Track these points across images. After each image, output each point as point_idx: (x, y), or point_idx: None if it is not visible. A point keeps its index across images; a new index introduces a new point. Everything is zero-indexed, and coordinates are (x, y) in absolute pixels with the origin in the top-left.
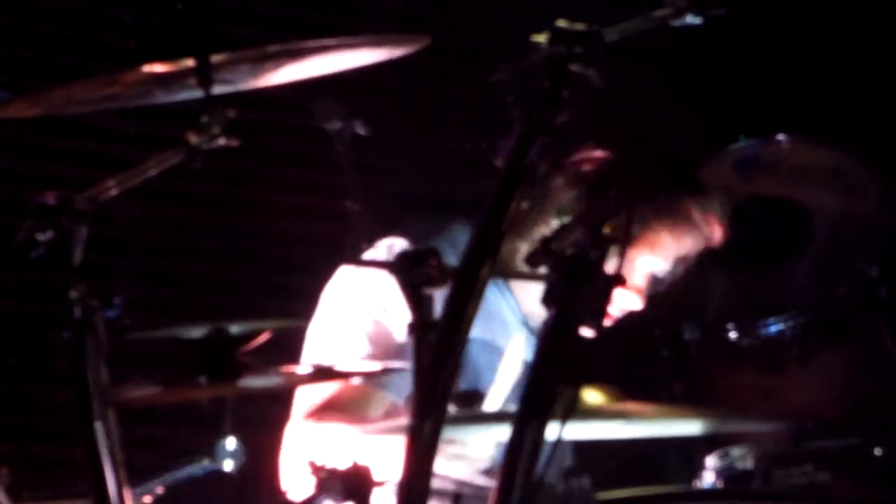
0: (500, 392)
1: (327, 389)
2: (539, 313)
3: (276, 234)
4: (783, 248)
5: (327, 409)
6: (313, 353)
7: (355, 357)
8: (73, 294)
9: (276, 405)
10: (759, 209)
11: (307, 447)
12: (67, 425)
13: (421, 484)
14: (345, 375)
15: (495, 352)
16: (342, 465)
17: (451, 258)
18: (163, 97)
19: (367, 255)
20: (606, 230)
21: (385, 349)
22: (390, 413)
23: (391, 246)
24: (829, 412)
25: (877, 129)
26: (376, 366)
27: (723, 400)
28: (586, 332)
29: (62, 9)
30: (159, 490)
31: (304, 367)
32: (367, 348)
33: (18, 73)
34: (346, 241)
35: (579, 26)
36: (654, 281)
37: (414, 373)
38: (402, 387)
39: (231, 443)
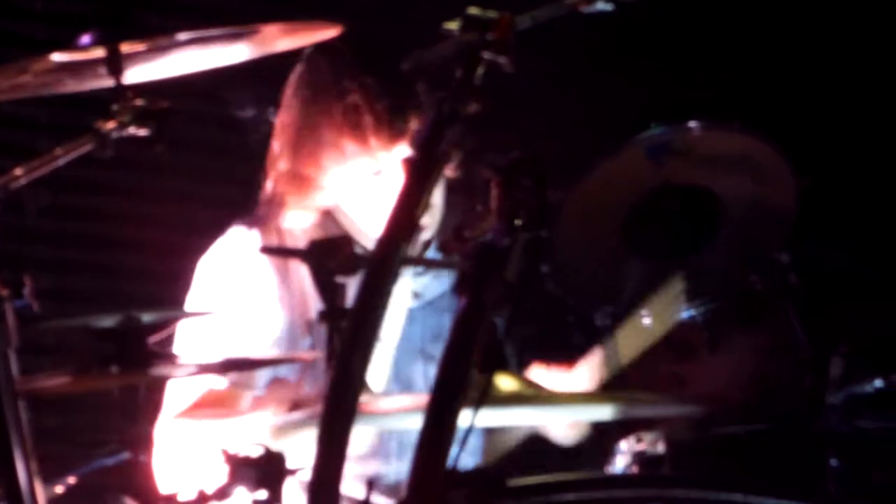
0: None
1: (195, 391)
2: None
3: (188, 222)
4: (694, 234)
5: (198, 409)
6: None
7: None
8: None
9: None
10: (671, 196)
11: (181, 442)
12: None
13: (333, 472)
14: (255, 366)
15: None
16: (255, 452)
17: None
18: (73, 86)
19: (218, 244)
20: (518, 218)
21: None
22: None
23: (238, 234)
24: (738, 398)
25: (787, 115)
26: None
27: (635, 385)
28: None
29: None
30: (71, 480)
31: (213, 357)
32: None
33: None
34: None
35: (491, 13)
36: None
37: (326, 361)
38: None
39: (143, 432)
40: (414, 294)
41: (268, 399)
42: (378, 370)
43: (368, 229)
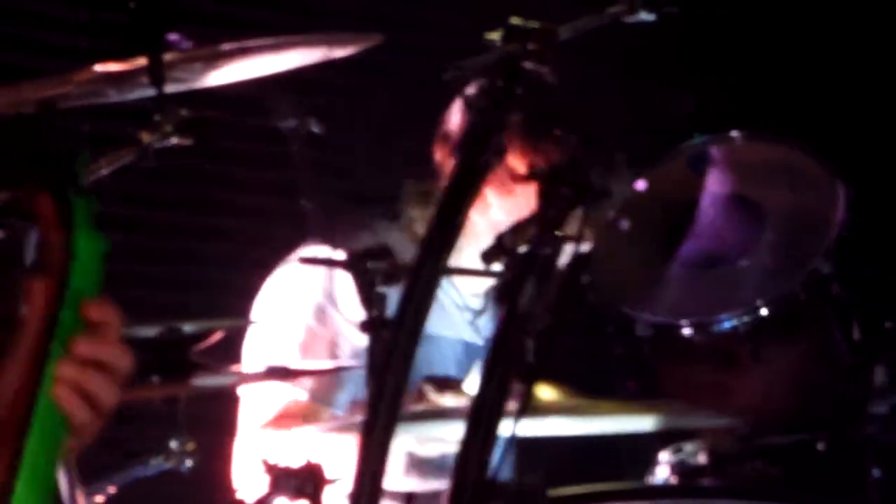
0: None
1: (275, 406)
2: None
3: (230, 232)
4: (736, 244)
5: (281, 421)
6: (251, 354)
7: (289, 360)
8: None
9: (229, 404)
10: (713, 206)
11: (264, 451)
12: None
13: (374, 482)
14: (297, 375)
15: (433, 341)
16: (295, 463)
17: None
18: (115, 96)
19: (285, 264)
20: (559, 228)
21: (321, 352)
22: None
23: (312, 251)
24: (780, 408)
25: (829, 125)
26: (328, 365)
27: (676, 396)
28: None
29: (14, 7)
30: (112, 490)
31: (255, 367)
32: (300, 353)
33: None
34: (300, 240)
35: (533, 24)
36: None
37: (368, 370)
38: (360, 387)
39: (184, 442)
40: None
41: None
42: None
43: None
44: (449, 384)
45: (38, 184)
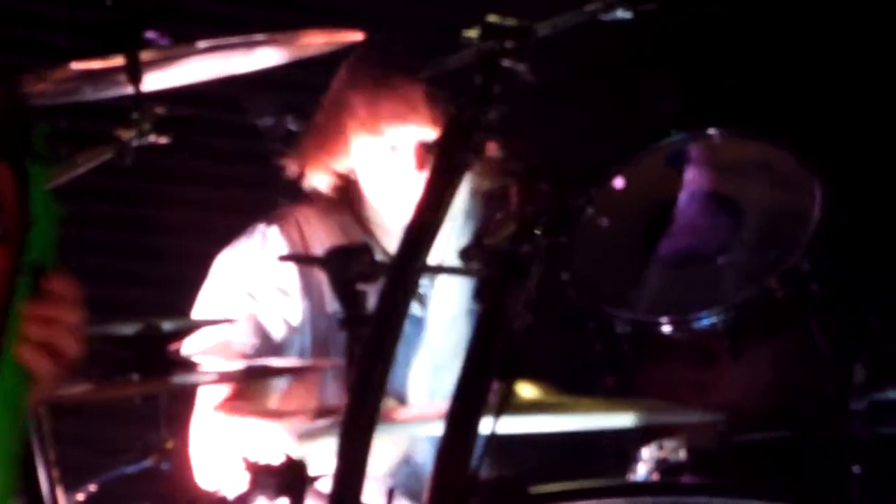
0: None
1: (222, 390)
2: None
3: (208, 230)
4: (715, 241)
5: (235, 400)
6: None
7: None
8: None
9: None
10: (691, 203)
11: (220, 439)
12: None
13: (355, 479)
14: (277, 373)
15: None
16: (275, 460)
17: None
18: (92, 94)
19: (242, 242)
20: (537, 226)
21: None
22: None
23: (264, 233)
24: (759, 405)
25: (811, 122)
26: (305, 363)
27: (655, 393)
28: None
29: None
30: (93, 488)
31: (235, 364)
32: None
33: None
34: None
35: (510, 21)
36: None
37: (347, 368)
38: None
39: (163, 440)
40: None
41: (292, 397)
42: (418, 381)
43: (379, 204)
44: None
45: None
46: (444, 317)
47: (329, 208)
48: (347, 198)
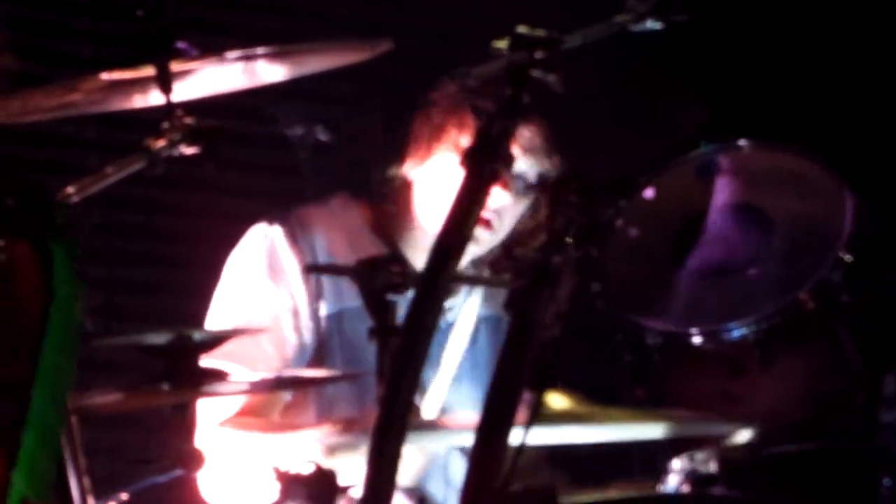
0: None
1: (233, 404)
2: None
3: (238, 240)
4: (745, 253)
5: (241, 415)
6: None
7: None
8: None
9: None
10: (721, 214)
11: (226, 454)
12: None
13: (385, 489)
14: (307, 383)
15: None
16: (306, 470)
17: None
18: (122, 104)
19: (242, 243)
20: (568, 236)
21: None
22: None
23: (266, 233)
24: (789, 416)
25: (838, 133)
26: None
27: (685, 404)
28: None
29: (18, 15)
30: (124, 497)
31: (265, 375)
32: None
33: None
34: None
35: (540, 32)
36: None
37: (378, 378)
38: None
39: (196, 448)
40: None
41: (293, 408)
42: (434, 394)
43: (423, 214)
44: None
45: (17, 234)
46: (462, 329)
47: (341, 213)
48: (397, 202)
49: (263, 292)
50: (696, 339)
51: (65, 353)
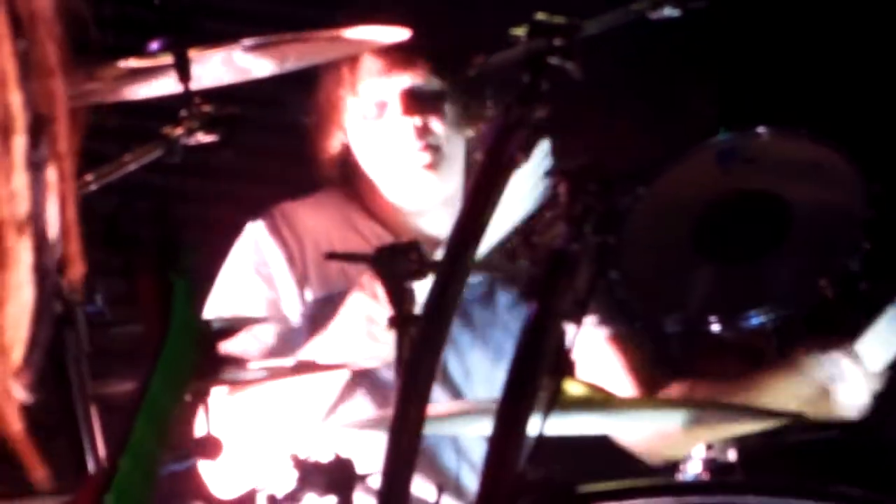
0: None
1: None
2: None
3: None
4: (764, 240)
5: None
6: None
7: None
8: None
9: None
10: (740, 202)
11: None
12: (48, 422)
13: (404, 476)
14: (325, 369)
15: None
16: (324, 458)
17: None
18: (141, 92)
19: (237, 243)
20: (586, 224)
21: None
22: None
23: (250, 229)
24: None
25: (857, 121)
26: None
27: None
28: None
29: None
30: None
31: (286, 361)
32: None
33: None
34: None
35: (558, 19)
36: None
37: (396, 366)
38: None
39: (214, 436)
40: None
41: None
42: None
43: (380, 180)
44: None
45: (142, 269)
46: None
47: (328, 203)
48: (350, 182)
49: (248, 287)
50: (716, 328)
51: (171, 389)
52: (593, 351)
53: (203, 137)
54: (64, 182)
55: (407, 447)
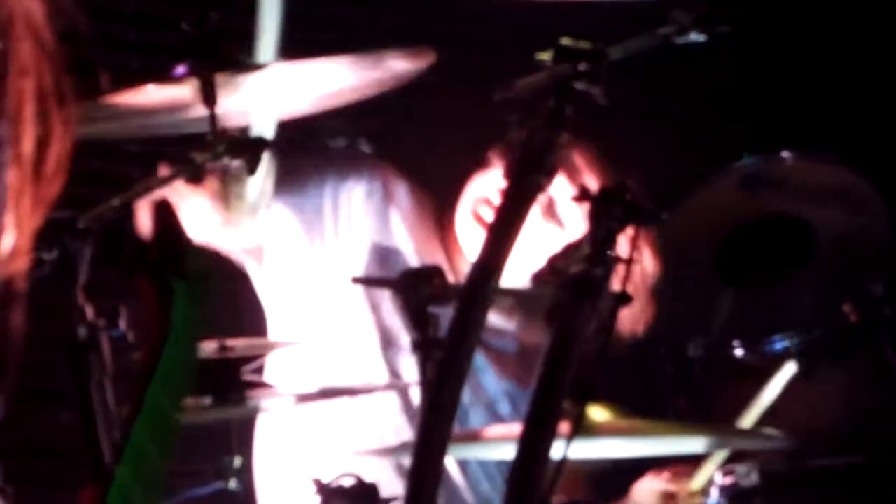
0: None
1: None
2: None
3: None
4: (788, 265)
5: None
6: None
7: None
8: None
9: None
10: (764, 226)
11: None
12: (72, 445)
13: (427, 501)
14: (349, 393)
15: None
16: (347, 483)
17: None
18: (167, 117)
19: None
20: (611, 247)
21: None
22: None
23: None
24: (832, 429)
25: (881, 146)
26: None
27: (727, 417)
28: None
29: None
30: None
31: (309, 387)
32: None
33: None
34: None
35: (584, 44)
36: None
37: (420, 390)
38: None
39: (237, 461)
40: None
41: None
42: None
43: None
44: None
45: (142, 269)
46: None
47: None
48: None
49: None
50: (739, 352)
51: (170, 396)
52: None
53: (229, 161)
54: (24, 183)
55: (430, 471)
